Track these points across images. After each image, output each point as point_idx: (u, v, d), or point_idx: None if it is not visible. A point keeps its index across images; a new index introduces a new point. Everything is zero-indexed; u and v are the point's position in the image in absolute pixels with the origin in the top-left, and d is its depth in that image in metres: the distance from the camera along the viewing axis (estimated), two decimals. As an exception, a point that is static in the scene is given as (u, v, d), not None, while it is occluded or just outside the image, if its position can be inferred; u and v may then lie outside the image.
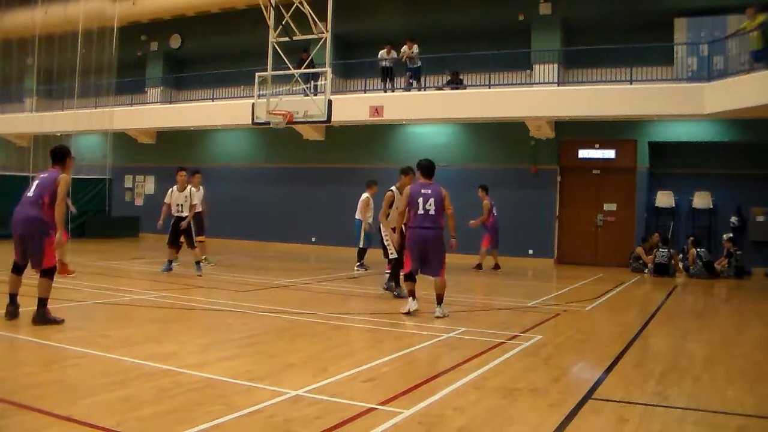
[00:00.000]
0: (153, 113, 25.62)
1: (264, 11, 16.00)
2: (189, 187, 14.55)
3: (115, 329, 8.23)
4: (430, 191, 9.71)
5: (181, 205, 14.42)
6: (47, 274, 8.04)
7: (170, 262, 14.52)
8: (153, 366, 6.10)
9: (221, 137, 25.66)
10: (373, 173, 19.31)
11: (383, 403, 5.19)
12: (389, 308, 10.49)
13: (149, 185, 26.86)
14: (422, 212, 9.58)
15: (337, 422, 4.70)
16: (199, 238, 15.27)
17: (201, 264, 14.45)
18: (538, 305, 11.34)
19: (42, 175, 8.25)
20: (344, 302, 11.46)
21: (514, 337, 8.20)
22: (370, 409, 5.03)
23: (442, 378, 6.13)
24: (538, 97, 19.07)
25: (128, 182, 27.66)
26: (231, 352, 7.11)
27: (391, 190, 11.30)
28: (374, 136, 22.24)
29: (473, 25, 21.52)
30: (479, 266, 17.52)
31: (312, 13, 15.49)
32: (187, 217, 14.21)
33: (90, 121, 25.15)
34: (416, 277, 9.83)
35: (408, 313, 9.61)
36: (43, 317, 7.89)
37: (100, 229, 24.80)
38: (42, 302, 7.95)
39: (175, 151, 25.90)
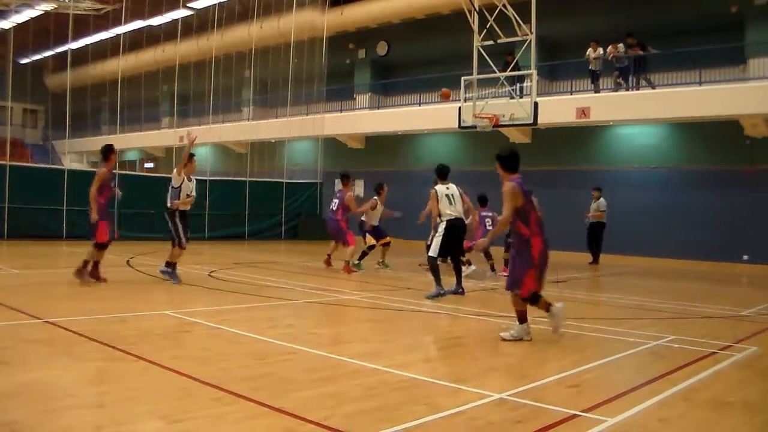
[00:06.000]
0: (361, 119, 26.47)
1: (468, 15, 16.06)
2: (183, 177, 11.40)
3: (324, 327, 8.53)
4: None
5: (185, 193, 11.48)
6: None
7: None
8: (360, 364, 6.20)
9: (427, 141, 26.01)
10: (581, 175, 18.79)
11: (587, 411, 4.96)
12: (591, 314, 10.16)
13: (359, 189, 27.68)
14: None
15: (540, 427, 4.56)
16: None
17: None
18: (754, 314, 10.48)
19: None
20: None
21: (726, 347, 7.57)
22: (573, 416, 4.83)
23: (649, 387, 5.78)
24: (754, 93, 17.56)
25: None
26: (436, 353, 7.13)
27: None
28: (581, 137, 21.61)
29: (681, 21, 20.40)
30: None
31: (516, 15, 15.36)
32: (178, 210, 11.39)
33: (302, 128, 26.49)
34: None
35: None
36: None
37: (311, 231, 25.95)
38: None
39: (384, 155, 26.65)
